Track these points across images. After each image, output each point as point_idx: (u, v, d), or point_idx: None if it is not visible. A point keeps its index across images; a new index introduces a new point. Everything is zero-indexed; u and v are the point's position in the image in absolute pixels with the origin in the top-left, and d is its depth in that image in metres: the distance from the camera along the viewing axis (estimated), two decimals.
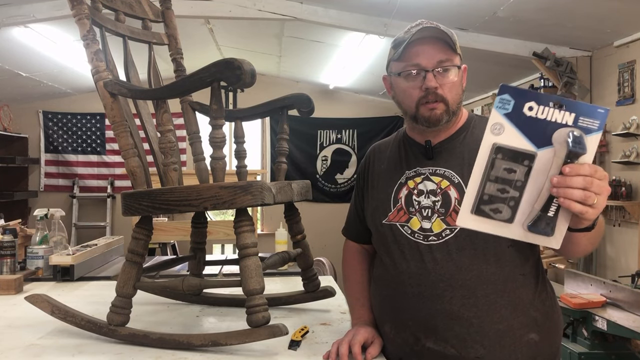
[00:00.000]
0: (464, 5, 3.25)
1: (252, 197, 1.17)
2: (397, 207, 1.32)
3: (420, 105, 1.26)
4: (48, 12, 3.56)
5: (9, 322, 1.52)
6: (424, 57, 1.25)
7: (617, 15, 3.18)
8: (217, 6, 3.70)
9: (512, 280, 1.22)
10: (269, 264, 1.37)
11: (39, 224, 2.20)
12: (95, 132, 6.31)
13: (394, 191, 1.34)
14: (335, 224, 7.07)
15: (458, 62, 1.28)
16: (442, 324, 1.20)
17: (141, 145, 1.43)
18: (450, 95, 1.26)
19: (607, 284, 2.84)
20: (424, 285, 1.23)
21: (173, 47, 1.67)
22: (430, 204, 1.28)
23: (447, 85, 1.26)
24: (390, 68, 1.35)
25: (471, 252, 1.22)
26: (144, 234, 1.34)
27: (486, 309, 1.19)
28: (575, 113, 0.94)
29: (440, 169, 1.30)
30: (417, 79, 1.26)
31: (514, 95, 0.94)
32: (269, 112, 1.61)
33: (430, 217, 1.27)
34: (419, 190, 1.30)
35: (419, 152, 1.35)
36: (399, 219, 1.31)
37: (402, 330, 1.26)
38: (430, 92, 1.24)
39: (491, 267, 1.21)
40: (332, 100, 6.47)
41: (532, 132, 0.95)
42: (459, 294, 1.20)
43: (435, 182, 1.29)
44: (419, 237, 1.26)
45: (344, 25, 3.88)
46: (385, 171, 1.40)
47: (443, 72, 1.25)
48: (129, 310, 1.34)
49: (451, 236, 1.23)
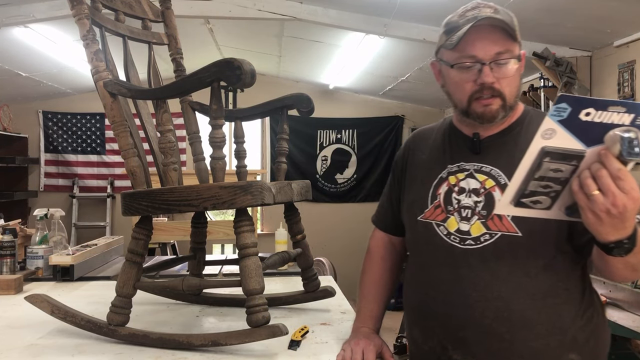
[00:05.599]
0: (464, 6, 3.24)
1: (252, 197, 1.17)
2: (434, 203, 1.21)
3: (474, 101, 1.15)
4: (48, 12, 3.55)
5: (8, 322, 1.52)
6: (481, 49, 1.12)
7: (617, 15, 3.17)
8: (217, 6, 3.70)
9: (553, 296, 1.11)
10: (269, 264, 1.37)
11: (39, 224, 2.20)
12: (95, 132, 6.30)
13: (433, 186, 1.23)
14: (335, 224, 7.11)
15: (518, 51, 1.16)
16: (472, 336, 1.12)
17: (141, 145, 1.43)
18: (508, 90, 1.15)
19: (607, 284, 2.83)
20: (455, 293, 1.14)
21: (173, 47, 1.67)
22: (471, 204, 1.17)
23: (505, 79, 1.14)
24: (440, 54, 1.22)
25: (511, 261, 1.11)
26: (143, 234, 1.34)
27: (521, 325, 1.09)
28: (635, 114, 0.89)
29: (487, 167, 1.19)
30: (472, 72, 1.14)
31: (571, 104, 0.90)
32: (269, 112, 1.61)
33: (470, 219, 1.16)
34: (460, 188, 1.19)
35: (464, 145, 1.23)
36: (435, 217, 1.21)
37: (430, 338, 1.19)
38: (486, 87, 1.13)
39: (531, 279, 1.11)
40: (332, 100, 6.46)
41: (586, 135, 0.91)
42: (492, 306, 1.10)
43: (480, 181, 1.18)
44: (454, 240, 1.16)
45: (344, 25, 3.88)
46: (425, 162, 1.29)
47: (501, 65, 1.13)
48: (129, 310, 1.34)
49: (490, 242, 1.13)
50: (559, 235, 1.12)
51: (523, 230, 1.12)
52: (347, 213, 6.53)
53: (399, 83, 5.49)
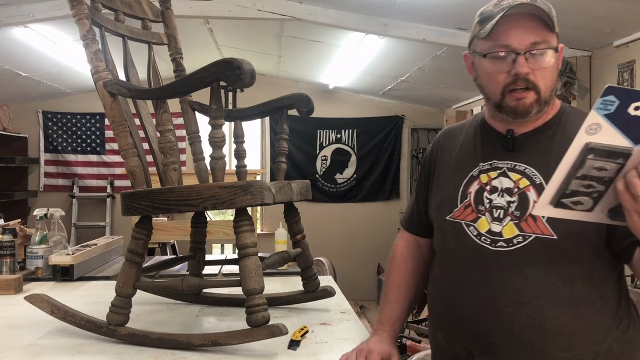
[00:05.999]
0: (464, 5, 3.25)
1: (252, 197, 1.17)
2: (464, 203, 1.16)
3: (507, 93, 1.09)
4: (48, 12, 3.55)
5: (8, 322, 1.52)
6: (516, 38, 1.06)
7: (617, 15, 3.17)
8: (217, 6, 3.70)
9: (588, 304, 1.05)
10: (269, 264, 1.37)
11: (39, 224, 2.20)
12: (95, 132, 6.31)
13: (463, 185, 1.17)
14: (335, 224, 7.11)
15: (555, 43, 1.09)
16: (500, 343, 1.06)
17: (141, 145, 1.43)
18: (543, 83, 1.08)
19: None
20: (484, 297, 1.08)
21: (173, 47, 1.67)
22: (504, 204, 1.11)
23: (541, 71, 1.07)
24: (474, 46, 1.16)
25: (545, 266, 1.05)
26: (143, 234, 1.34)
27: (553, 333, 1.03)
28: None
29: (521, 165, 1.12)
30: (506, 63, 1.08)
31: (620, 97, 0.84)
32: (269, 112, 1.61)
33: (502, 220, 1.10)
34: (492, 187, 1.13)
35: (498, 143, 1.17)
36: (465, 217, 1.15)
37: (456, 343, 1.14)
38: (520, 78, 1.07)
39: (566, 286, 1.05)
40: (332, 100, 6.46)
41: (634, 131, 0.85)
42: (523, 313, 1.05)
43: (514, 180, 1.11)
44: (485, 241, 1.10)
45: (344, 25, 3.88)
46: (456, 160, 1.22)
47: (537, 56, 1.07)
48: (129, 310, 1.34)
49: (524, 244, 1.07)
50: (598, 239, 1.06)
51: (559, 233, 1.06)
52: (347, 213, 6.53)
53: (399, 83, 5.49)
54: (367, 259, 6.47)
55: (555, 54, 1.10)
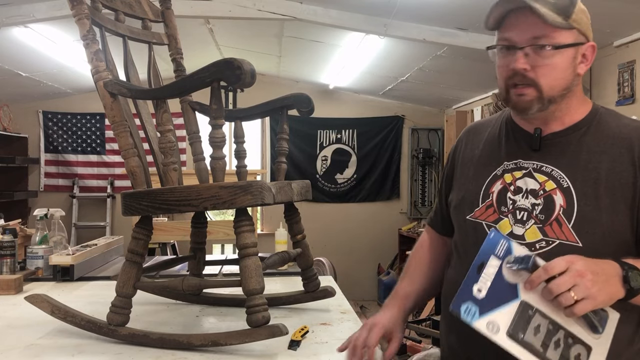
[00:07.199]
0: (464, 5, 3.25)
1: (252, 197, 1.17)
2: (486, 202, 1.12)
3: (510, 88, 1.07)
4: (48, 12, 3.55)
5: (8, 322, 1.52)
6: (517, 31, 1.03)
7: (617, 15, 3.17)
8: (217, 6, 3.70)
9: None
10: (269, 264, 1.37)
11: (39, 224, 2.20)
12: (95, 132, 6.31)
13: (485, 183, 1.13)
14: (335, 224, 7.12)
15: (564, 39, 1.04)
16: None
17: (141, 145, 1.43)
18: (545, 80, 1.04)
19: None
20: None
21: (173, 47, 1.67)
22: (528, 206, 1.07)
23: (542, 68, 1.03)
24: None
25: None
26: (143, 234, 1.34)
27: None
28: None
29: (548, 167, 1.08)
30: (508, 57, 1.05)
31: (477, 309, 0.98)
32: (269, 112, 1.61)
33: (525, 222, 1.06)
34: (516, 188, 1.09)
35: (523, 141, 1.12)
36: (486, 217, 1.11)
37: (470, 347, 1.10)
38: (518, 73, 1.04)
39: None
40: (332, 100, 6.46)
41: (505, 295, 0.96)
42: None
43: (539, 182, 1.07)
44: None
45: (344, 25, 3.88)
46: (479, 158, 1.18)
47: (538, 51, 1.03)
48: (129, 310, 1.34)
49: (546, 249, 1.03)
50: (624, 249, 1.02)
51: (584, 240, 1.02)
52: (347, 213, 6.53)
53: (399, 83, 5.49)
54: (367, 259, 6.47)
55: (564, 51, 1.05)
